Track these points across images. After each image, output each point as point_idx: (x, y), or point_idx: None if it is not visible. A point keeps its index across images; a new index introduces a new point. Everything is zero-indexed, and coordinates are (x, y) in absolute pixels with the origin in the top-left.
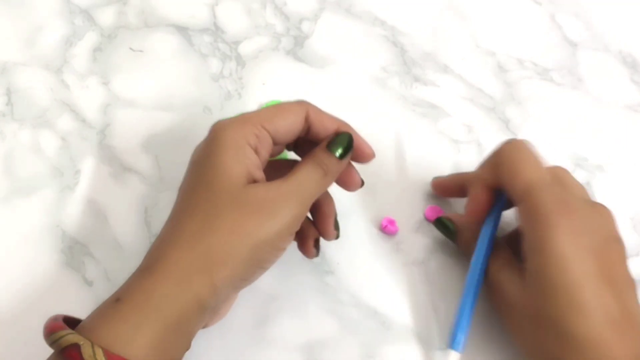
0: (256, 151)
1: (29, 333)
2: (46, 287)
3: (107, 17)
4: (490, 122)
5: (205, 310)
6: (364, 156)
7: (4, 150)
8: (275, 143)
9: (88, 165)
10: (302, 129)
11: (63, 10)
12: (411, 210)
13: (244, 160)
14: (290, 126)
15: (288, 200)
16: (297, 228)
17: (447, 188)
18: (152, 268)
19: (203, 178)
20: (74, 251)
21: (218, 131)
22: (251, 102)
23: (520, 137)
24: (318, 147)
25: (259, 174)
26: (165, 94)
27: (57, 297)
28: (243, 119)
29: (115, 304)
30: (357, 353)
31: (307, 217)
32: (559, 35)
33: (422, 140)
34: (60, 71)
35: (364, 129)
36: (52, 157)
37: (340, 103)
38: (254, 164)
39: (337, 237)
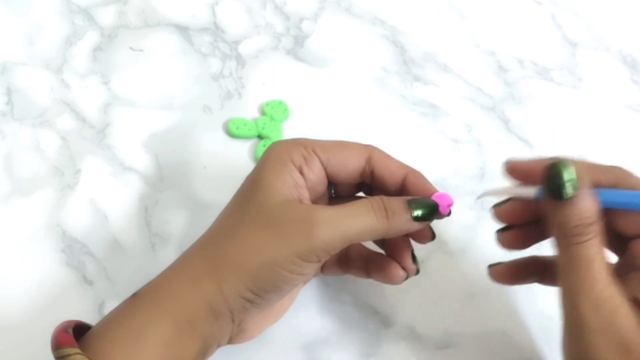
0: (301, 171)
1: (29, 332)
2: (46, 287)
3: (107, 16)
4: (490, 122)
5: (218, 316)
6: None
7: (4, 150)
8: (330, 176)
9: (88, 165)
10: (362, 170)
11: (63, 9)
12: None
13: (283, 176)
14: (345, 161)
15: (317, 228)
16: (319, 260)
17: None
18: (172, 268)
19: (244, 191)
20: (74, 251)
21: (268, 149)
22: (251, 102)
23: (520, 136)
24: (398, 197)
25: (304, 194)
26: (165, 93)
27: (57, 297)
28: (295, 140)
29: (132, 299)
30: (357, 353)
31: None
32: (559, 35)
33: (422, 140)
34: (61, 71)
35: (364, 129)
36: (52, 156)
37: (340, 103)
38: (296, 183)
39: (418, 272)
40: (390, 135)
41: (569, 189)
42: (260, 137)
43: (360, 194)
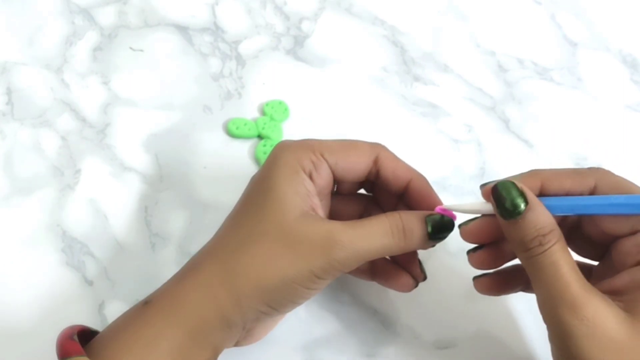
0: (311, 177)
1: (29, 332)
2: (46, 287)
3: (107, 16)
4: (490, 122)
5: (231, 326)
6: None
7: (4, 150)
8: (337, 178)
9: (88, 165)
10: (369, 171)
11: (63, 9)
12: None
13: (298, 187)
14: (353, 164)
15: (336, 250)
16: (334, 276)
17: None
18: (185, 276)
19: (256, 199)
20: (74, 250)
21: (276, 152)
22: (251, 102)
23: (520, 136)
24: (415, 211)
25: (316, 202)
26: (165, 93)
27: (57, 297)
28: (303, 143)
29: (144, 307)
30: (357, 353)
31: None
32: (559, 35)
33: (422, 140)
34: (61, 70)
35: (364, 129)
36: (52, 156)
37: (340, 103)
38: (309, 191)
39: (425, 278)
40: (390, 135)
41: (516, 206)
42: (260, 137)
43: (362, 190)
